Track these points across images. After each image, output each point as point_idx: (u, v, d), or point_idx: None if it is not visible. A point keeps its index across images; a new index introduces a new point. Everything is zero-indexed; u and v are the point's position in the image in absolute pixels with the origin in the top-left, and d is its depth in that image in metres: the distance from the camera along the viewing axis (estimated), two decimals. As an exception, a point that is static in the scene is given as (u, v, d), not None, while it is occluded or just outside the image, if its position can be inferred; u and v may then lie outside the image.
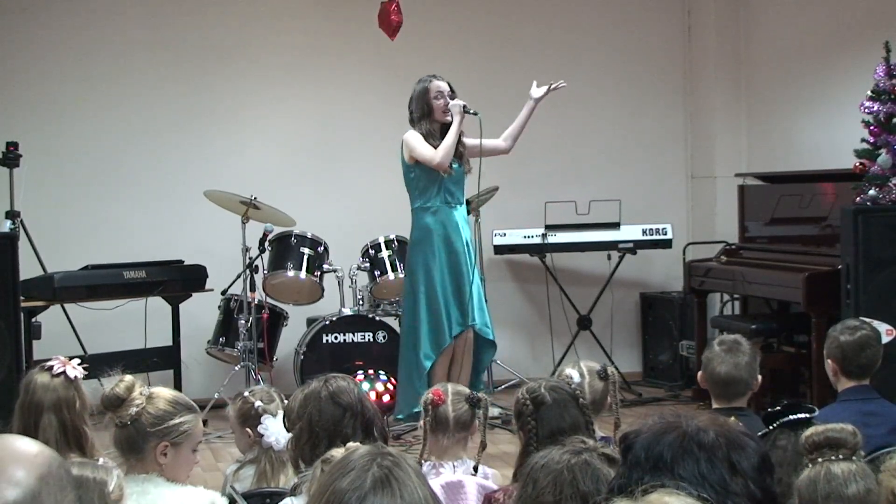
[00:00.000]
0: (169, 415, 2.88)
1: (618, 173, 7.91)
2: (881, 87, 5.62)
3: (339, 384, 2.89)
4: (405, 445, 5.69)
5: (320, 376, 2.96)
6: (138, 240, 7.11)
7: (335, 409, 2.81)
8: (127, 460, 2.85)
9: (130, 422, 2.85)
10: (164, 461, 2.85)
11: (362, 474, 1.63)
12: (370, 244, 6.69)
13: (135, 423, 2.84)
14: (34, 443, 1.57)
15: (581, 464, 2.08)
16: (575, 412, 2.89)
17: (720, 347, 3.50)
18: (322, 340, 6.47)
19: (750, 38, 7.72)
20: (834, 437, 2.21)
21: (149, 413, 2.86)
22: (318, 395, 2.87)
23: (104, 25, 7.20)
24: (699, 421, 1.72)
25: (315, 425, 2.83)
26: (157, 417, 2.86)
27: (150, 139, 7.26)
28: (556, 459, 2.10)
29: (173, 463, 2.87)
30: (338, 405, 2.83)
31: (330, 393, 2.86)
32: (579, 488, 2.05)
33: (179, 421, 2.88)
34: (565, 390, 2.94)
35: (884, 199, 5.51)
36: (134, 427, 2.84)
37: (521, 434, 2.99)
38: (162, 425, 2.85)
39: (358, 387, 2.96)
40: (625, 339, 7.88)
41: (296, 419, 2.90)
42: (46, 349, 5.50)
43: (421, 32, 7.26)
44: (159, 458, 2.84)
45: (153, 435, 2.84)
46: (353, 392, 2.89)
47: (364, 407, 2.85)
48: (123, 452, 2.87)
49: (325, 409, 2.83)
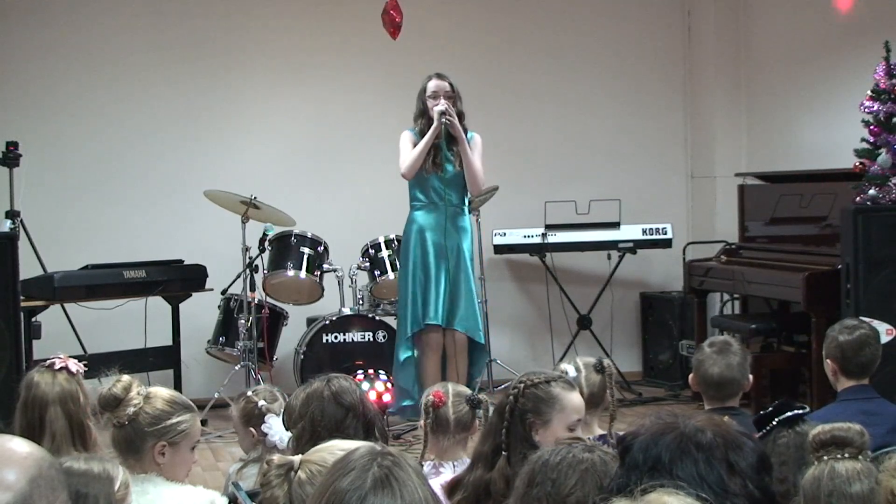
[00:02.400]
0: (166, 414, 2.88)
1: (618, 173, 7.91)
2: (881, 86, 5.62)
3: (342, 384, 2.89)
4: (405, 445, 5.70)
5: (322, 376, 2.96)
6: (138, 240, 7.11)
7: (337, 409, 2.81)
8: (125, 460, 2.85)
9: (128, 422, 2.84)
10: (163, 461, 2.85)
11: (363, 474, 1.63)
12: (370, 244, 6.69)
13: (132, 423, 2.84)
14: (25, 443, 1.56)
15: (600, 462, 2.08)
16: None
17: (711, 349, 3.49)
18: (322, 340, 6.48)
19: (750, 38, 7.72)
20: (841, 435, 2.21)
21: (146, 413, 2.86)
22: (321, 395, 2.86)
23: (104, 25, 7.20)
24: (696, 421, 1.72)
25: (317, 425, 2.82)
26: (154, 417, 2.86)
27: (150, 139, 7.27)
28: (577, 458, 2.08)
29: (171, 462, 2.86)
30: (340, 405, 2.83)
31: (332, 393, 2.86)
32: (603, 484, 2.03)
33: (177, 420, 2.88)
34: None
35: (884, 198, 5.51)
36: (131, 427, 2.84)
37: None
38: (159, 425, 2.85)
39: (359, 387, 2.96)
40: (625, 338, 7.88)
41: (297, 418, 2.89)
42: (46, 349, 5.47)
43: (421, 32, 7.27)
44: (157, 457, 2.84)
45: (151, 435, 2.84)
46: (356, 392, 2.89)
47: (365, 407, 2.86)
48: (122, 452, 2.87)
49: (327, 408, 2.83)
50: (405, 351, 5.91)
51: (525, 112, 7.79)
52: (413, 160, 5.81)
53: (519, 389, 2.94)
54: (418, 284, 5.87)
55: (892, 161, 5.53)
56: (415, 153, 5.81)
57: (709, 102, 7.89)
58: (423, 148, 5.80)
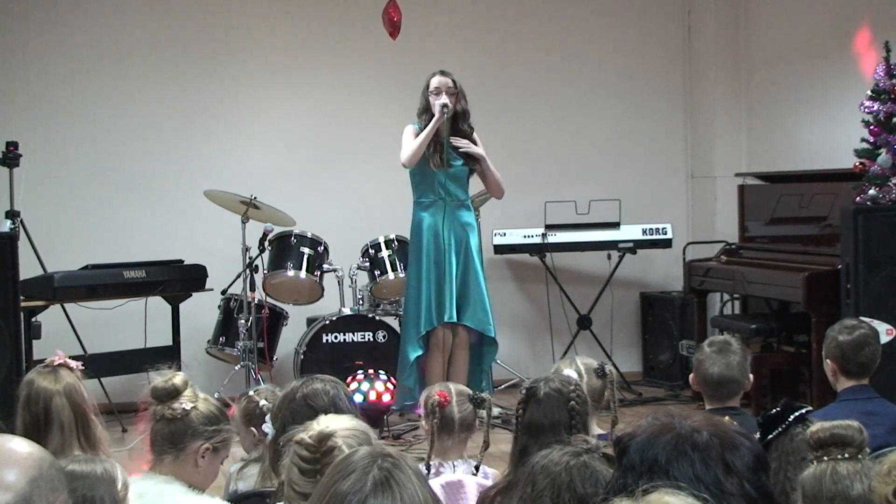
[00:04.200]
0: (217, 419, 2.87)
1: (618, 173, 7.91)
2: (881, 86, 5.62)
3: (314, 387, 2.85)
4: (405, 445, 5.70)
5: (306, 377, 2.95)
6: (138, 240, 7.11)
7: (308, 411, 2.76)
8: (160, 455, 2.82)
9: (182, 415, 2.82)
10: (202, 463, 2.82)
11: (363, 476, 1.63)
12: (370, 244, 6.69)
13: (185, 419, 2.82)
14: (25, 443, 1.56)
15: (580, 466, 2.07)
16: (561, 413, 2.88)
17: (711, 349, 3.49)
18: (322, 340, 6.48)
19: (750, 38, 7.72)
20: (840, 434, 2.20)
21: (199, 411, 2.84)
22: (293, 397, 2.86)
23: (104, 25, 7.20)
24: (692, 421, 1.72)
25: (288, 427, 2.81)
26: (207, 418, 2.85)
27: (150, 139, 7.27)
28: (555, 461, 2.09)
29: (207, 467, 2.85)
30: (311, 408, 2.79)
31: (304, 395, 2.84)
32: (577, 491, 2.04)
33: (226, 427, 2.89)
34: (562, 391, 2.93)
35: (884, 198, 5.51)
36: (183, 422, 2.81)
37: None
38: (212, 427, 2.84)
39: (337, 388, 2.90)
40: (625, 338, 7.88)
41: (273, 418, 2.90)
42: (46, 349, 5.46)
43: (422, 32, 7.28)
44: (199, 459, 2.82)
45: (201, 434, 2.82)
46: (328, 395, 2.83)
47: (338, 410, 2.76)
48: (161, 446, 2.83)
49: (297, 410, 2.81)
50: (415, 350, 5.90)
51: (525, 112, 7.79)
52: (414, 150, 5.83)
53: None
54: (433, 283, 5.88)
55: (892, 161, 5.53)
56: (416, 143, 5.84)
57: (709, 102, 7.89)
58: (424, 138, 5.83)
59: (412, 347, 5.90)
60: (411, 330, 5.93)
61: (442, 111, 5.81)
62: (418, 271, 5.93)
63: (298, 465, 2.23)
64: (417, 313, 5.89)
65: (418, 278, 5.92)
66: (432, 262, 5.90)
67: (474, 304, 5.96)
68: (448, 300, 5.87)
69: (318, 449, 2.21)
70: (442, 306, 5.87)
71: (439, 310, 5.87)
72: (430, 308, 5.87)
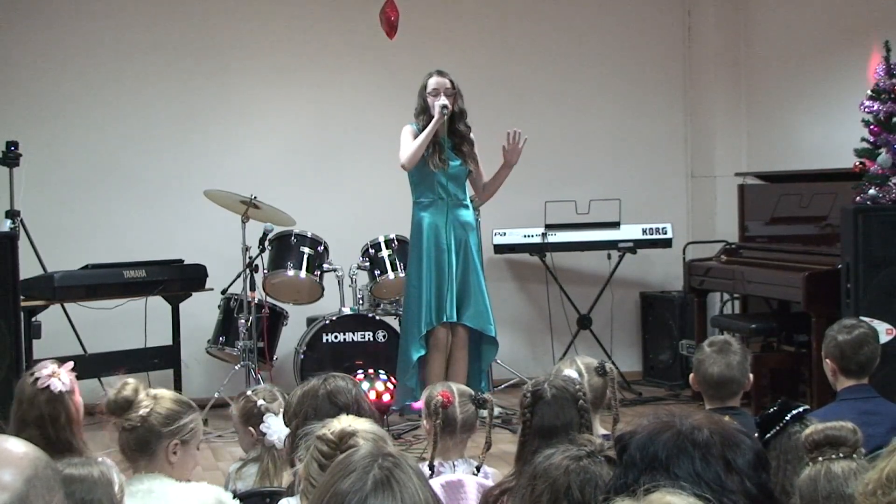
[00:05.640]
0: (177, 414, 2.90)
1: (618, 173, 7.91)
2: (881, 86, 5.62)
3: (338, 384, 2.89)
4: (405, 445, 5.70)
5: (321, 374, 2.96)
6: (138, 239, 7.11)
7: (331, 408, 2.80)
8: (134, 462, 2.86)
9: (140, 423, 2.85)
10: (175, 459, 2.86)
11: (363, 476, 1.63)
12: (370, 243, 6.69)
13: (145, 425, 2.85)
14: (21, 443, 1.55)
15: (579, 470, 2.07)
16: (572, 413, 2.88)
17: (711, 348, 3.49)
18: (322, 340, 6.48)
19: (750, 38, 7.72)
20: (834, 434, 2.21)
21: (157, 413, 2.87)
22: (316, 394, 2.87)
23: (104, 25, 7.20)
24: (693, 419, 1.72)
25: (309, 421, 2.82)
26: (166, 417, 2.87)
27: (150, 139, 7.27)
28: (555, 464, 2.09)
29: (182, 461, 2.88)
30: (334, 405, 2.82)
31: (328, 392, 2.86)
32: (574, 496, 2.04)
33: (188, 419, 2.91)
34: (568, 390, 2.93)
35: (884, 198, 5.51)
36: (144, 428, 2.85)
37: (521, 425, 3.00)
38: (173, 424, 2.87)
39: (357, 387, 2.95)
40: (625, 338, 7.88)
41: (292, 416, 2.90)
42: (46, 349, 5.51)
43: (420, 32, 7.28)
44: (170, 456, 2.85)
45: (165, 435, 2.85)
46: (351, 392, 2.88)
47: (360, 408, 2.84)
48: (132, 454, 2.87)
49: (321, 407, 2.83)
50: (418, 350, 5.89)
51: (525, 112, 7.78)
52: (414, 151, 5.83)
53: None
54: (433, 283, 5.88)
55: (892, 161, 5.54)
56: (415, 144, 5.83)
57: (709, 102, 7.89)
58: (423, 139, 5.82)
59: (414, 348, 5.89)
60: (413, 330, 5.92)
61: (441, 112, 5.81)
62: (418, 271, 5.93)
63: (318, 460, 2.27)
64: (418, 313, 5.89)
65: (418, 278, 5.92)
66: (432, 261, 5.90)
67: (474, 304, 5.96)
68: (448, 300, 5.87)
69: (339, 446, 2.24)
70: (442, 306, 5.87)
71: (439, 309, 5.87)
72: (431, 308, 5.88)
